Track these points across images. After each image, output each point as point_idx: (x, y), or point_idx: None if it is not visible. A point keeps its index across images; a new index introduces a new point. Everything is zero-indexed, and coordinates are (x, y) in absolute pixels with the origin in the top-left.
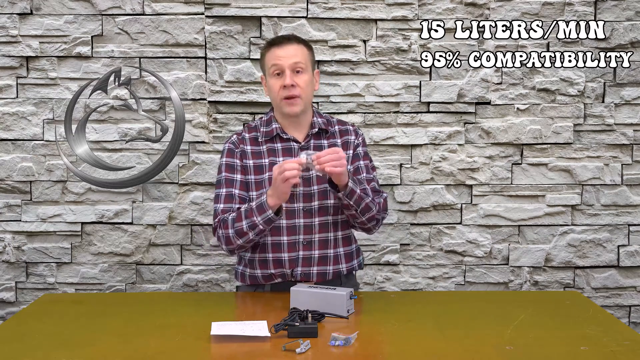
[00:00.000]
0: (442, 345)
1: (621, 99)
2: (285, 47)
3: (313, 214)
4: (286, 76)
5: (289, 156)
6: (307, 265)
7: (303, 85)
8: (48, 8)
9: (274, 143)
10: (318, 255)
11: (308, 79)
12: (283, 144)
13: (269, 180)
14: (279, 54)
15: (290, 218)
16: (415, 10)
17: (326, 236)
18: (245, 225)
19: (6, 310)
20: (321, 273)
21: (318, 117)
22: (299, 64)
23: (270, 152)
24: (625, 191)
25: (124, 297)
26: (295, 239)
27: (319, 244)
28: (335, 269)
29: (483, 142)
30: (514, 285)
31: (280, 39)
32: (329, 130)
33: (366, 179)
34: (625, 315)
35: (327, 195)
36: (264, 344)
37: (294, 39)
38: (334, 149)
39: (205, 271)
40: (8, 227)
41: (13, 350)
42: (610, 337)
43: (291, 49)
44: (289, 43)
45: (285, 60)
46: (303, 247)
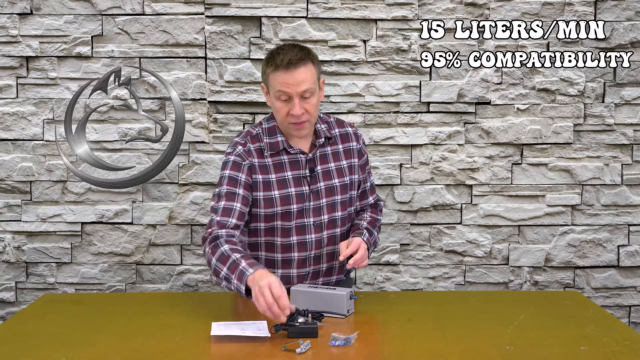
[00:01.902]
0: (442, 345)
1: (621, 99)
2: (292, 72)
3: (323, 227)
4: (295, 105)
5: (296, 170)
6: (315, 277)
7: (312, 110)
8: (48, 8)
9: (280, 156)
10: (326, 267)
11: (316, 101)
12: (290, 157)
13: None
14: (287, 80)
15: (301, 234)
16: (415, 10)
17: (334, 249)
18: (223, 272)
19: (6, 310)
20: (325, 283)
21: (321, 123)
22: (309, 90)
23: (277, 167)
24: (625, 191)
25: (124, 297)
26: (305, 255)
27: (327, 257)
28: (338, 279)
29: (483, 142)
30: (514, 285)
31: (287, 63)
32: (331, 134)
33: (370, 188)
34: (625, 315)
35: (335, 208)
36: (264, 344)
37: (301, 61)
38: (356, 243)
39: (205, 271)
40: (8, 227)
41: (13, 350)
42: (610, 337)
43: (300, 75)
44: (297, 67)
45: (294, 88)
46: (313, 262)
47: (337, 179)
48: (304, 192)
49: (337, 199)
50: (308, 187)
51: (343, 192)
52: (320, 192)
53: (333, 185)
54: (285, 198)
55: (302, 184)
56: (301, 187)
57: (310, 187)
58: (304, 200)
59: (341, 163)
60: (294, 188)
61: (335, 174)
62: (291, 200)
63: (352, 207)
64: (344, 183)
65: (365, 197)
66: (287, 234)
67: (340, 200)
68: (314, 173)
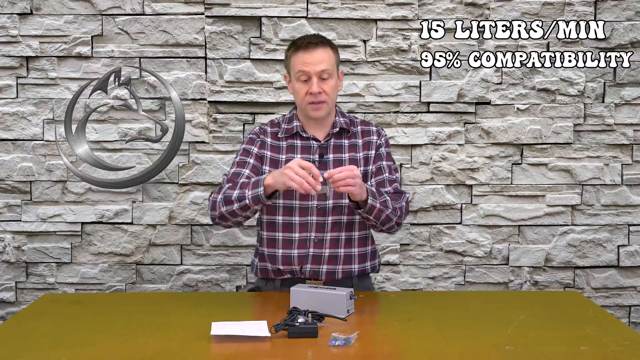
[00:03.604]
0: (442, 345)
1: (621, 99)
2: (312, 52)
3: (327, 212)
4: (313, 83)
5: (307, 154)
6: (317, 263)
7: (329, 91)
8: (48, 8)
9: (294, 140)
10: (328, 253)
11: (334, 84)
12: (303, 142)
13: None
14: (306, 59)
15: (304, 215)
16: (415, 10)
17: (338, 235)
18: (235, 195)
19: (6, 310)
20: (330, 272)
21: (340, 117)
22: (326, 71)
23: (289, 149)
24: (625, 191)
25: (124, 297)
26: (306, 236)
27: (330, 242)
28: (345, 269)
29: (483, 142)
30: (514, 285)
31: (307, 43)
32: (351, 130)
33: (388, 179)
34: (625, 315)
35: (343, 195)
36: (264, 344)
37: (321, 43)
38: (350, 166)
39: (205, 271)
40: (8, 227)
41: (13, 350)
42: (610, 337)
43: (318, 55)
44: (316, 48)
45: (313, 67)
46: (314, 245)
47: None
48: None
49: None
50: None
51: None
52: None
53: None
54: None
55: None
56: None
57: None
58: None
59: (357, 155)
60: None
61: (347, 163)
62: None
63: None
64: None
65: (383, 186)
66: (290, 213)
67: None
68: (324, 159)
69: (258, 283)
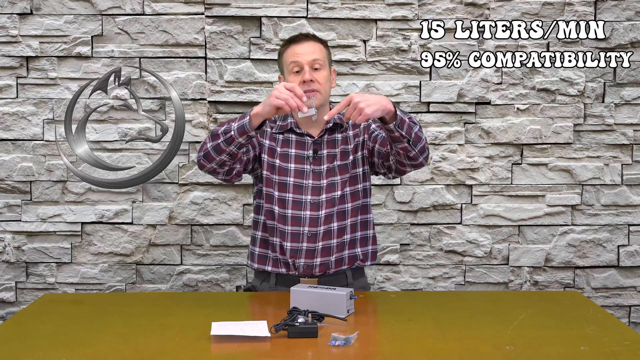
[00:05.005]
0: (442, 345)
1: (621, 99)
2: (303, 44)
3: (320, 206)
4: (305, 72)
5: (301, 149)
6: (310, 257)
7: (322, 80)
8: (48, 8)
9: (288, 134)
10: (321, 246)
11: (326, 75)
12: (297, 137)
13: (280, 169)
14: (298, 51)
15: (297, 209)
16: (415, 10)
17: (330, 227)
18: (222, 129)
19: (6, 310)
20: (324, 264)
21: None
22: (318, 61)
23: (284, 143)
24: (625, 191)
25: (124, 297)
26: (299, 230)
27: (323, 235)
28: (338, 257)
29: (483, 142)
30: (514, 285)
31: (299, 36)
32: (344, 124)
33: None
34: (625, 315)
35: (335, 188)
36: (264, 344)
37: (312, 37)
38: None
39: (205, 271)
40: (8, 227)
41: (13, 350)
42: (610, 337)
43: (309, 47)
44: (307, 40)
45: (304, 57)
46: (307, 239)
47: (340, 161)
48: (304, 170)
49: (337, 179)
50: (310, 166)
51: (343, 172)
52: (321, 174)
53: (334, 166)
54: (284, 170)
55: (304, 162)
56: (302, 165)
57: (312, 167)
58: (302, 177)
59: (348, 146)
60: (294, 164)
61: (339, 156)
62: (289, 173)
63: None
64: (345, 163)
65: None
66: (284, 206)
67: (340, 181)
68: (317, 155)
69: (254, 282)
